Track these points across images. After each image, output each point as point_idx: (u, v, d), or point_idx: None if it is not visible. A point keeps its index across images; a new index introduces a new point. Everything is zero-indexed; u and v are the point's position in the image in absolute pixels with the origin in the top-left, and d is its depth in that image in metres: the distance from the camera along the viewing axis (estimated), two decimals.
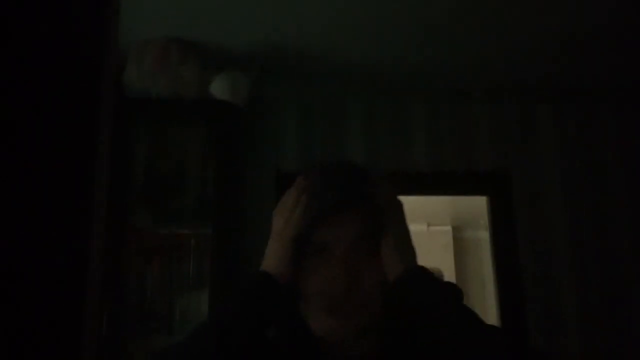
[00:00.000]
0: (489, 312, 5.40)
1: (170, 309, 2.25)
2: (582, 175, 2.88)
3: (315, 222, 0.79)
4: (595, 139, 2.93)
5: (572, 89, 2.88)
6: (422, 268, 0.82)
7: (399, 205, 0.85)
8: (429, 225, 5.58)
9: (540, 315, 2.68)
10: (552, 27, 2.31)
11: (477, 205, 3.25)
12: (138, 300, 2.23)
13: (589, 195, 2.85)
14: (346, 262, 0.77)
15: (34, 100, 0.63)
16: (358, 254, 0.79)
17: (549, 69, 2.68)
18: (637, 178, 2.89)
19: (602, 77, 2.76)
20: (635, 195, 2.86)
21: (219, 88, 2.38)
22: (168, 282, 2.27)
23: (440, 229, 5.66)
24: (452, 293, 0.81)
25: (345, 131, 2.86)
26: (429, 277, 0.81)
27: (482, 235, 5.33)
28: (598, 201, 2.84)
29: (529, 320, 2.66)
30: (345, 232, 0.79)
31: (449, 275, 5.62)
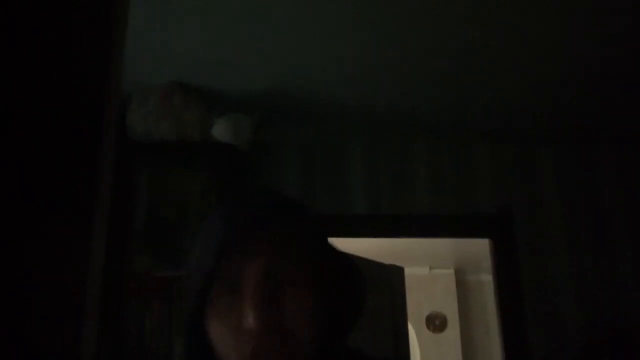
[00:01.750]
0: (494, 355, 5.31)
1: (169, 352, 2.21)
2: (584, 215, 2.87)
3: (224, 252, 0.67)
4: (596, 180, 2.93)
5: (572, 131, 2.90)
6: None
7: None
8: (431, 268, 5.55)
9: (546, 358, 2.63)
10: (552, 71, 2.34)
11: (479, 247, 3.23)
12: (137, 343, 2.20)
13: (591, 235, 2.83)
14: (259, 299, 0.64)
15: (36, 143, 0.63)
16: (274, 289, 0.66)
17: (549, 111, 2.70)
18: (637, 216, 2.88)
19: (602, 118, 2.78)
20: (637, 233, 2.85)
21: (221, 130, 2.40)
22: (167, 325, 2.24)
23: (442, 272, 5.61)
24: None
25: (346, 174, 2.87)
26: None
27: (485, 278, 5.28)
28: (600, 240, 2.83)
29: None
30: (256, 265, 0.66)
31: (453, 319, 5.55)
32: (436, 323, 5.56)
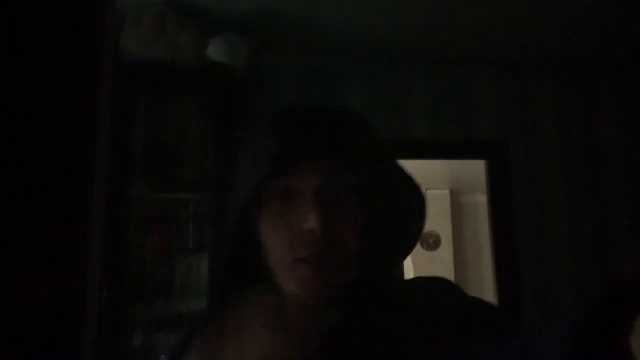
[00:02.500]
0: (485, 274, 5.47)
1: (171, 274, 2.27)
2: (579, 141, 2.88)
3: (284, 167, 0.67)
4: (593, 107, 2.92)
5: (571, 58, 2.86)
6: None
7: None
8: (426, 189, 5.61)
9: (535, 279, 2.72)
10: None
11: (475, 169, 3.26)
12: (138, 266, 2.25)
13: (586, 161, 2.86)
14: (318, 206, 0.64)
15: (33, 67, 0.62)
16: (332, 200, 0.67)
17: (549, 38, 2.65)
18: (632, 144, 2.89)
19: (602, 47, 2.74)
20: (630, 160, 2.87)
21: (216, 50, 2.35)
22: (167, 248, 2.29)
23: (438, 193, 5.68)
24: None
25: (344, 98, 2.85)
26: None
27: (480, 199, 5.35)
28: (595, 166, 2.86)
29: (524, 283, 2.70)
30: (318, 174, 0.66)
31: (446, 238, 5.67)
32: (430, 241, 5.69)
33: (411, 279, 0.77)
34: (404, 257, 0.77)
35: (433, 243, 5.69)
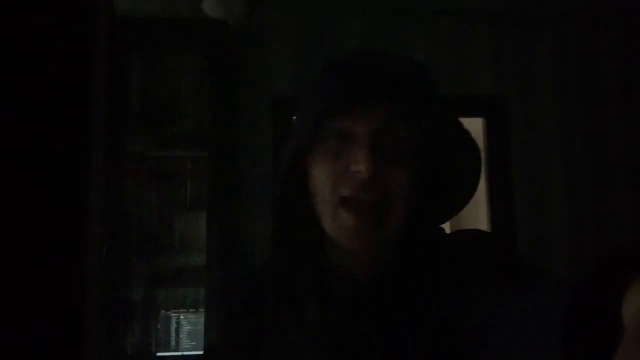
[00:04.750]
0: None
1: (169, 230, 2.30)
2: (578, 99, 2.87)
3: (342, 106, 0.66)
4: (593, 64, 2.90)
5: (570, 13, 2.82)
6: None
7: None
8: None
9: (532, 237, 2.74)
10: None
11: (472, 127, 3.25)
12: (137, 222, 2.27)
13: (584, 119, 2.85)
14: (372, 152, 0.63)
15: (27, 25, 0.62)
16: (386, 147, 0.65)
17: None
18: (631, 100, 2.88)
19: (602, 1, 2.70)
20: (630, 116, 2.87)
21: (211, 5, 2.32)
22: (166, 204, 2.31)
23: None
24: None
25: (342, 52, 2.81)
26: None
27: None
28: (593, 124, 2.85)
29: (520, 241, 2.73)
30: (376, 122, 0.65)
31: None
32: None
33: (453, 233, 0.77)
34: (458, 212, 0.76)
35: None
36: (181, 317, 2.27)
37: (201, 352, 2.20)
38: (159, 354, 2.25)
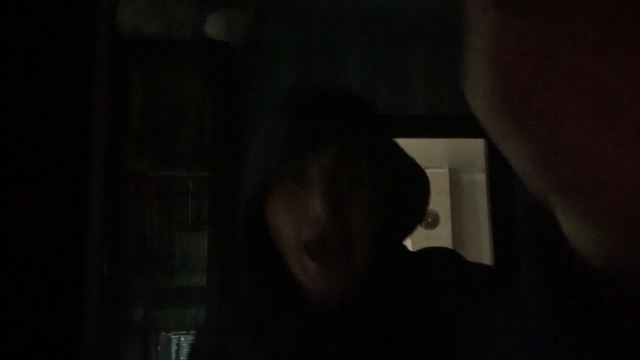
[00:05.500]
0: (484, 253, 5.49)
1: (170, 250, 2.28)
2: None
3: (290, 145, 0.67)
4: None
5: None
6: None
7: None
8: (425, 167, 5.59)
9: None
10: None
11: (474, 147, 3.25)
12: (138, 242, 2.26)
13: None
14: (328, 193, 0.64)
15: (28, 44, 0.62)
16: (341, 185, 0.67)
17: None
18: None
19: None
20: None
21: (213, 27, 2.34)
22: (167, 224, 2.30)
23: (437, 172, 5.68)
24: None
25: (343, 73, 2.83)
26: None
27: (479, 178, 5.36)
28: None
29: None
30: (326, 158, 0.66)
31: (445, 216, 5.69)
32: (429, 220, 5.71)
33: (418, 251, 0.78)
34: (409, 235, 0.77)
35: (432, 221, 5.71)
36: (182, 338, 2.25)
37: None
38: None
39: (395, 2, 2.52)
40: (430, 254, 0.76)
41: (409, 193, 0.75)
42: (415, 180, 0.75)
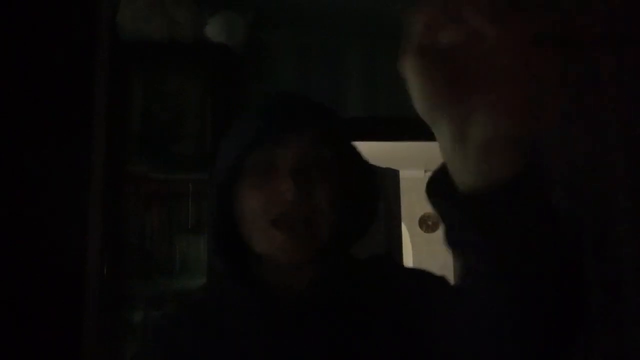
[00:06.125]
0: None
1: (170, 252, 2.28)
2: (579, 119, 2.87)
3: (261, 141, 0.77)
4: (592, 83, 2.90)
5: (570, 34, 2.84)
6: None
7: None
8: (425, 171, 5.61)
9: None
10: None
11: None
12: (138, 244, 2.26)
13: (585, 139, 2.85)
14: (295, 175, 0.74)
15: (29, 46, 0.62)
16: (308, 171, 0.76)
17: (548, 15, 2.63)
18: (634, 125, 2.88)
19: (604, 25, 2.72)
20: (632, 143, 2.86)
21: (214, 30, 2.34)
22: (167, 226, 2.30)
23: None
24: None
25: (343, 76, 2.83)
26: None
27: None
28: (593, 145, 2.85)
29: None
30: (295, 148, 0.76)
31: None
32: (429, 223, 5.71)
33: (366, 258, 0.88)
34: (363, 233, 0.86)
35: (432, 225, 5.71)
36: None
37: None
38: None
39: (394, 5, 2.52)
40: (373, 260, 0.88)
41: (363, 191, 0.85)
42: (369, 181, 0.85)
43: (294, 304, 0.79)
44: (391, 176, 3.69)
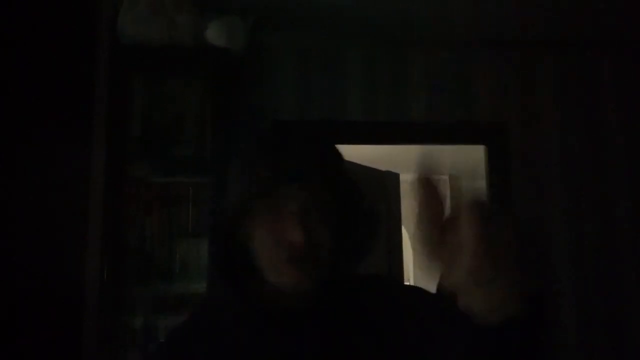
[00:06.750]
0: None
1: (171, 256, 2.28)
2: (579, 126, 2.88)
3: (269, 191, 0.87)
4: (594, 91, 2.91)
5: (572, 40, 2.84)
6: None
7: None
8: (425, 174, 5.60)
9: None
10: None
11: (474, 154, 3.25)
12: (138, 248, 2.26)
13: (586, 146, 2.85)
14: (302, 218, 0.86)
15: (30, 49, 0.62)
16: (311, 213, 0.88)
17: (550, 19, 2.63)
18: (634, 129, 2.89)
19: (603, 28, 2.72)
20: (632, 144, 2.87)
21: (214, 34, 2.34)
22: (167, 230, 2.29)
23: (436, 179, 5.68)
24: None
25: (343, 79, 2.84)
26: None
27: (479, 185, 5.35)
28: (594, 152, 2.85)
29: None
30: (300, 196, 0.87)
31: None
32: None
33: (363, 276, 1.00)
34: (362, 259, 0.98)
35: None
36: None
37: None
38: None
39: (394, 9, 2.53)
40: (373, 277, 1.01)
41: (361, 223, 0.97)
42: (366, 214, 0.98)
43: (297, 320, 0.90)
44: (391, 179, 3.69)
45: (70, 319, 1.86)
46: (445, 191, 5.78)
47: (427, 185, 0.60)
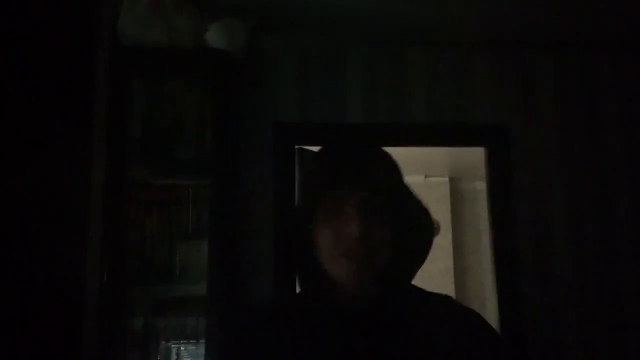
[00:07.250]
0: (484, 262, 5.48)
1: (171, 258, 2.28)
2: (580, 127, 2.87)
3: (333, 193, 0.96)
4: (595, 92, 2.91)
5: (572, 41, 2.84)
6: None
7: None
8: (426, 176, 5.60)
9: (533, 265, 2.72)
10: None
11: (474, 156, 3.25)
12: (138, 249, 2.26)
13: (586, 147, 2.85)
14: (360, 215, 0.94)
15: (30, 51, 0.62)
16: (368, 213, 0.95)
17: (550, 19, 2.63)
18: (635, 130, 2.89)
19: (602, 28, 2.72)
20: (633, 146, 2.87)
21: (214, 36, 2.34)
22: (167, 232, 2.29)
23: (437, 180, 5.68)
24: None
25: (343, 81, 2.84)
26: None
27: (479, 187, 5.35)
28: (595, 153, 2.85)
29: (523, 269, 2.71)
30: (358, 195, 0.95)
31: (445, 225, 5.68)
32: None
33: (423, 291, 1.07)
34: (421, 263, 1.06)
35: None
36: (181, 348, 2.23)
37: None
38: None
39: (394, 9, 2.53)
40: (435, 294, 1.08)
41: (416, 227, 1.05)
42: (422, 217, 1.07)
43: (359, 318, 0.98)
44: None
45: (70, 320, 1.86)
46: (446, 193, 5.78)
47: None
